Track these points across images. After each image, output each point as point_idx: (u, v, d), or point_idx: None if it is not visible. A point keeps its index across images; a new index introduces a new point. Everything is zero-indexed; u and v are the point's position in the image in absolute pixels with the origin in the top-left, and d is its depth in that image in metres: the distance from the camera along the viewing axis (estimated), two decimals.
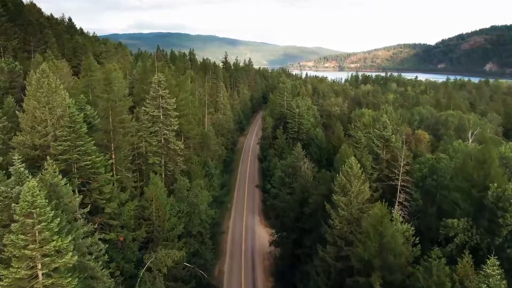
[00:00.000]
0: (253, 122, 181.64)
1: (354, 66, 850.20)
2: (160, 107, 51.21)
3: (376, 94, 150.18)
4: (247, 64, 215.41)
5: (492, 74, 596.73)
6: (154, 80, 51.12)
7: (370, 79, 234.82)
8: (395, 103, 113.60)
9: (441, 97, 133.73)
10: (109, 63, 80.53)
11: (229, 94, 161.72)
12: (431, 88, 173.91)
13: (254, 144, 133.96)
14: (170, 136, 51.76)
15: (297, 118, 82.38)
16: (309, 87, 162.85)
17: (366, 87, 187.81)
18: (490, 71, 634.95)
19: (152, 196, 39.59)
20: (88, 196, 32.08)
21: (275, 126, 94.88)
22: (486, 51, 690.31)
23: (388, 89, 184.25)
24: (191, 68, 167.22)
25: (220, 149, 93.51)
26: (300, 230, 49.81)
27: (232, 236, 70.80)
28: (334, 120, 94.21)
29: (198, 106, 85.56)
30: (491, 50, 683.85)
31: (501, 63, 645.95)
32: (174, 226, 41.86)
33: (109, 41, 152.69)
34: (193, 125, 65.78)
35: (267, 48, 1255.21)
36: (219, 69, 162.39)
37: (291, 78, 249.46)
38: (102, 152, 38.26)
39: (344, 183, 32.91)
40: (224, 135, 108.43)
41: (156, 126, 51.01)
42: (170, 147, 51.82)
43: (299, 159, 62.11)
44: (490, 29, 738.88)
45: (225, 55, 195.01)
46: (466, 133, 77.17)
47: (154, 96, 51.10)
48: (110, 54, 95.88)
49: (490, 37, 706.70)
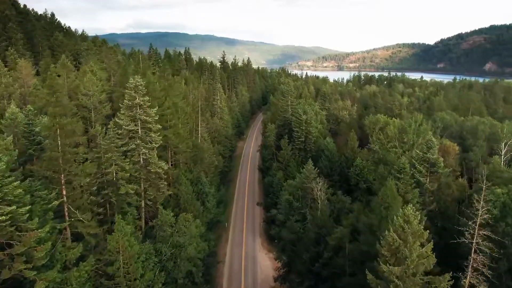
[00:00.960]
0: (253, 125, 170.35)
1: (353, 66, 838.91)
2: (138, 119, 39.83)
3: (384, 95, 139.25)
4: (246, 64, 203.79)
5: (491, 73, 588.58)
6: (129, 85, 39.73)
7: (374, 79, 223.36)
8: (409, 106, 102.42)
9: (454, 99, 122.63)
10: (90, 63, 69.08)
11: (227, 96, 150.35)
12: (441, 89, 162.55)
13: (254, 151, 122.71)
14: (151, 155, 40.42)
15: (305, 126, 71.12)
16: (312, 88, 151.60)
17: (371, 88, 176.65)
18: (489, 70, 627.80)
19: (118, 246, 28.36)
20: (7, 266, 20.80)
21: (278, 134, 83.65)
22: (486, 50, 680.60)
23: (395, 90, 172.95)
24: (187, 68, 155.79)
25: (217, 159, 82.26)
26: (315, 276, 38.80)
27: (229, 267, 59.41)
28: (345, 127, 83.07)
29: (191, 112, 74.26)
30: (491, 49, 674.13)
31: (501, 63, 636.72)
32: (150, 284, 30.64)
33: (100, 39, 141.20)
34: (183, 137, 54.40)
35: (266, 47, 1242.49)
36: (216, 69, 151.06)
37: (291, 78, 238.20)
38: (47, 189, 27.03)
39: (398, 245, 21.66)
40: (221, 142, 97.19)
41: (133, 143, 39.63)
42: (150, 170, 40.45)
43: (310, 179, 51.00)
44: (489, 28, 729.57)
45: (223, 54, 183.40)
46: (498, 144, 66.06)
47: (129, 105, 39.72)
48: (91, 53, 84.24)
49: (490, 37, 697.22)
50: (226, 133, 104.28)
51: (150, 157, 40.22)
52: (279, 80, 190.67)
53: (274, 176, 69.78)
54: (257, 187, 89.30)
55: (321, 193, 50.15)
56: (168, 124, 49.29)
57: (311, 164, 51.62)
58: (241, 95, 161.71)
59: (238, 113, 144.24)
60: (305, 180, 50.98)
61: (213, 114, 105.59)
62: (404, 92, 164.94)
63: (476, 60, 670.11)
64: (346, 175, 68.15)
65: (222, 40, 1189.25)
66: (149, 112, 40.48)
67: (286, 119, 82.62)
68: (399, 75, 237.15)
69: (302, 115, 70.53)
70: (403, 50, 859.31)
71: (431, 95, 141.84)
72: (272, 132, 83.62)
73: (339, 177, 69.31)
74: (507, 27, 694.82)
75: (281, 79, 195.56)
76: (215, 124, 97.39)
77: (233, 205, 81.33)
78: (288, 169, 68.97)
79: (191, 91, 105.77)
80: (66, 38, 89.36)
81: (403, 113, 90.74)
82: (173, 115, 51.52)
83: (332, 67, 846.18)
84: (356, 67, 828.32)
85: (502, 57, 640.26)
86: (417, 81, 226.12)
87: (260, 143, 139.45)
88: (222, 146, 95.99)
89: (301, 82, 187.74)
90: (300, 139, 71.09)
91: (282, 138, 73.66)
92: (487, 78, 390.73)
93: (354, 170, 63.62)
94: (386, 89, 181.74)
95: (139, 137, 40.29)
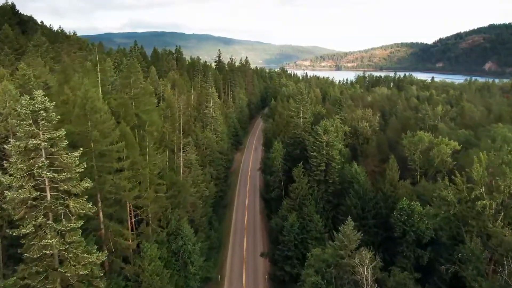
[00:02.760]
0: (251, 132, 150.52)
1: (351, 66, 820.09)
2: (40, 176, 20.10)
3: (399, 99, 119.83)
4: (244, 64, 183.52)
5: (492, 73, 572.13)
6: (22, 109, 19.98)
7: (381, 80, 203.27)
8: (444, 116, 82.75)
9: (488, 105, 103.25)
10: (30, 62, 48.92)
11: (222, 101, 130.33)
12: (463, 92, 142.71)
13: (254, 166, 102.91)
14: (70, 246, 20.67)
15: (325, 149, 51.43)
16: (318, 91, 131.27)
17: (382, 91, 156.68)
18: (489, 70, 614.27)
19: None
20: None
21: (287, 156, 63.94)
22: (485, 50, 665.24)
23: (408, 92, 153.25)
24: (177, 68, 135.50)
25: (208, 186, 62.56)
26: None
27: None
28: (372, 148, 63.36)
29: (172, 129, 54.41)
30: (490, 49, 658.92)
31: (501, 62, 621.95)
32: None
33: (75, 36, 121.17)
34: (153, 177, 34.62)
35: (263, 47, 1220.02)
36: (210, 70, 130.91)
37: (292, 79, 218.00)
38: None
39: None
40: (214, 162, 77.33)
41: (31, 223, 19.92)
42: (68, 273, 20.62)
43: (349, 250, 31.52)
44: (488, 28, 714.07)
45: (218, 53, 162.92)
46: None
47: (22, 149, 20.01)
48: (42, 50, 63.63)
49: (489, 36, 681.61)
50: (221, 147, 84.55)
51: (68, 249, 20.39)
52: (280, 82, 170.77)
53: (285, 219, 50.04)
54: (259, 224, 69.19)
55: (368, 272, 30.71)
56: (122, 165, 29.50)
57: (351, 226, 31.99)
58: (238, 99, 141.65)
59: (236, 120, 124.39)
60: (341, 252, 31.42)
61: (205, 125, 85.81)
62: (419, 97, 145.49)
63: (476, 60, 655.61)
64: (385, 219, 48.80)
65: (219, 40, 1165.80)
66: (64, 161, 20.64)
67: (298, 137, 62.82)
68: (407, 75, 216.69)
69: (323, 135, 50.80)
70: (402, 49, 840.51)
71: (455, 99, 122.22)
72: (279, 153, 63.71)
73: (373, 218, 49.92)
74: (506, 26, 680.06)
75: (282, 81, 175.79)
76: (207, 138, 77.59)
77: (229, 248, 61.66)
78: (303, 210, 49.34)
79: (177, 99, 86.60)
80: (15, 33, 68.92)
81: (441, 127, 71.27)
82: (133, 149, 31.70)
83: (330, 67, 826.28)
84: (354, 66, 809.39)
85: (502, 56, 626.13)
86: (426, 82, 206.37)
87: (260, 155, 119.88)
88: (215, 169, 76.05)
89: (305, 85, 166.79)
90: (320, 168, 51.36)
91: (295, 164, 53.70)
92: (488, 78, 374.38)
93: (399, 215, 44.30)
94: (397, 91, 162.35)
95: (45, 205, 20.48)
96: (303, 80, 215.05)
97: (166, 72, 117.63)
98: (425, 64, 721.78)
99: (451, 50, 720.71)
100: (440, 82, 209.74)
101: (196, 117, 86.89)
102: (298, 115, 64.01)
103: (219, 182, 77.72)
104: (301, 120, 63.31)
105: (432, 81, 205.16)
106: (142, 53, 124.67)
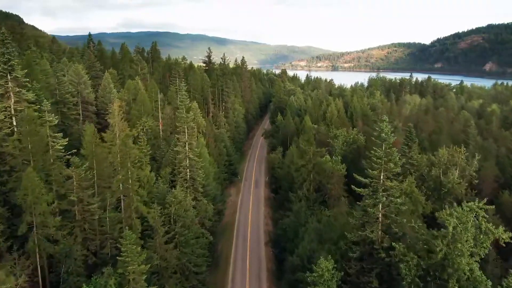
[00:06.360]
0: (250, 152, 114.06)
1: (348, 66, 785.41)
2: None
3: (438, 113, 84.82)
4: (239, 66, 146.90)
5: (492, 74, 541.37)
6: None
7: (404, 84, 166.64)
8: None
9: None
10: None
11: (211, 116, 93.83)
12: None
13: (257, 216, 67.11)
14: None
15: None
16: (340, 104, 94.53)
17: (414, 100, 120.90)
18: (490, 70, 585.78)
19: None
20: None
21: None
22: (484, 50, 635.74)
23: (448, 102, 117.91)
24: (150, 72, 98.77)
25: None
26: None
27: None
28: None
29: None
30: (490, 49, 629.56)
31: (501, 63, 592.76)
32: None
33: None
34: None
35: (258, 47, 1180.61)
36: (195, 74, 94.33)
37: (296, 84, 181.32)
38: None
39: None
40: (188, 243, 41.44)
41: None
42: None
43: None
44: (487, 27, 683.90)
45: (208, 52, 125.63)
46: None
47: None
48: None
49: (488, 36, 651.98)
50: (204, 211, 48.40)
51: None
52: (285, 87, 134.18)
53: None
54: None
55: None
56: None
57: None
58: (233, 111, 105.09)
59: (229, 142, 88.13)
60: None
61: (179, 170, 49.47)
62: (466, 107, 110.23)
63: (475, 60, 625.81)
64: None
65: (214, 40, 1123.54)
66: None
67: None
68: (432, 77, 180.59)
69: None
70: (399, 49, 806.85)
71: None
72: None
73: None
74: (505, 26, 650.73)
75: (287, 86, 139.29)
76: (177, 200, 41.35)
77: None
78: None
79: (143, 122, 50.62)
80: None
81: None
82: None
83: (326, 67, 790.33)
84: (351, 67, 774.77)
85: (502, 56, 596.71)
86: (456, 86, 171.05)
87: (263, 194, 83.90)
88: (190, 252, 40.16)
89: (317, 92, 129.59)
90: None
91: None
92: (490, 79, 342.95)
93: None
94: (432, 99, 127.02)
95: None
96: (309, 84, 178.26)
97: (130, 77, 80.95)
98: (423, 64, 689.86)
99: (450, 50, 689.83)
100: (471, 86, 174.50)
101: (162, 162, 50.44)
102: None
103: (202, 262, 41.99)
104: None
105: (461, 84, 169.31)
106: (100, 50, 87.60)
